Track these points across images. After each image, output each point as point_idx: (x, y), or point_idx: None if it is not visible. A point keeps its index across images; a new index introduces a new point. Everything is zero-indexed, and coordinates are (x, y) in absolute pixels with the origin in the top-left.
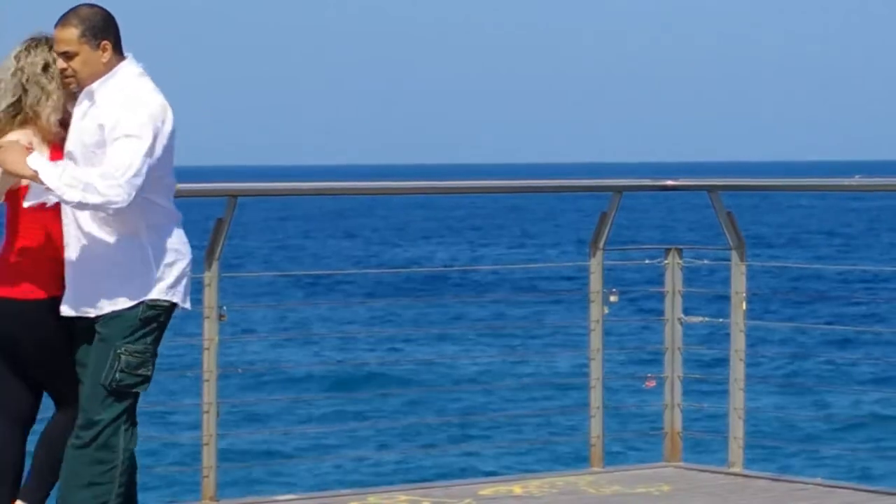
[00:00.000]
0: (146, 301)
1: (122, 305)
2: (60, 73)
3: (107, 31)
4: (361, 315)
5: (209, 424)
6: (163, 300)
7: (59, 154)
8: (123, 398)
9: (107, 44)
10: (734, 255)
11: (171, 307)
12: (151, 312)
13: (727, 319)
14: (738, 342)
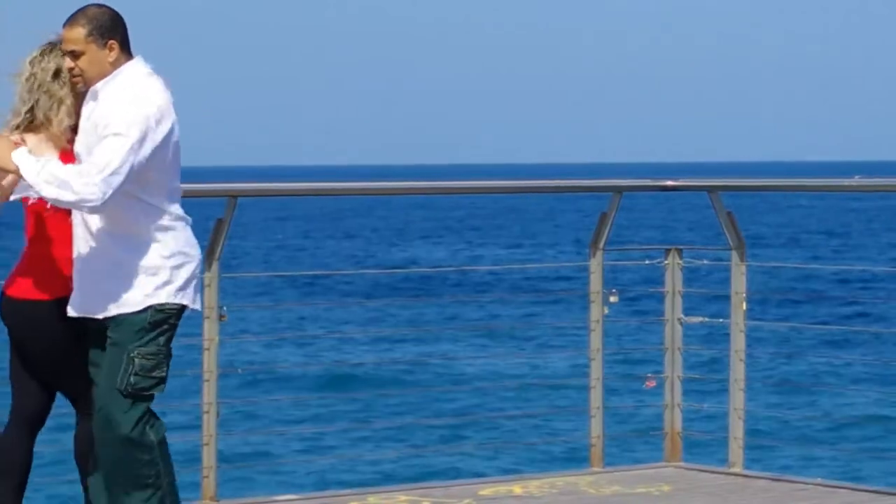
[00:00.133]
0: (154, 305)
1: (128, 309)
2: (69, 72)
3: (114, 31)
4: (361, 315)
5: (209, 424)
6: (171, 303)
7: (71, 158)
8: (142, 400)
9: (113, 43)
10: (734, 256)
11: (181, 309)
12: (161, 316)
13: (727, 319)
14: (738, 342)
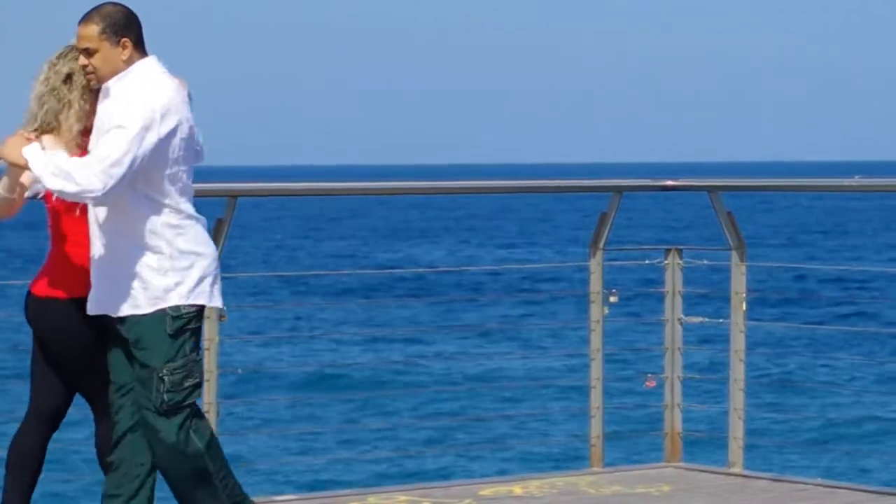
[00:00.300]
0: (168, 310)
1: (140, 310)
2: (82, 69)
3: (128, 29)
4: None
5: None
6: (186, 306)
7: None
8: (181, 410)
9: (127, 41)
10: (734, 256)
11: (199, 310)
12: (179, 322)
13: (727, 319)
14: (738, 342)
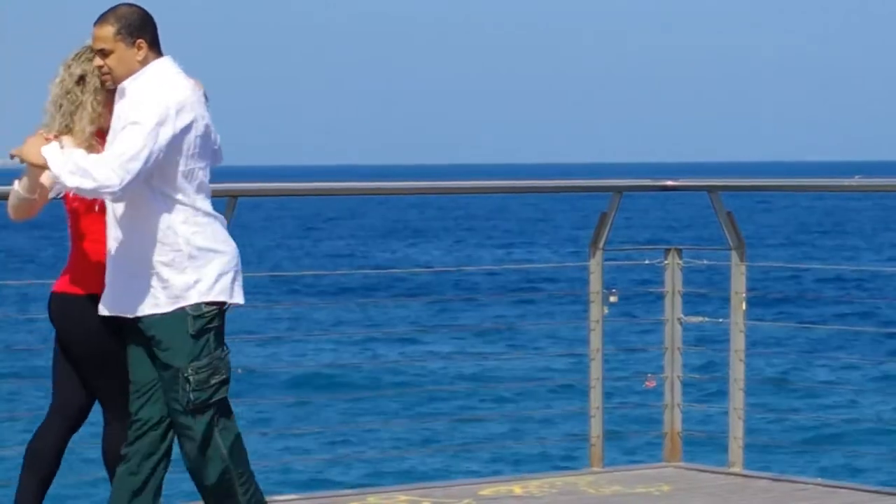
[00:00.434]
0: (188, 310)
1: (159, 310)
2: (98, 70)
3: (143, 30)
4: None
5: None
6: (207, 304)
7: None
8: (208, 408)
9: (142, 42)
10: (734, 256)
11: (220, 306)
12: (201, 322)
13: (727, 319)
14: (738, 342)
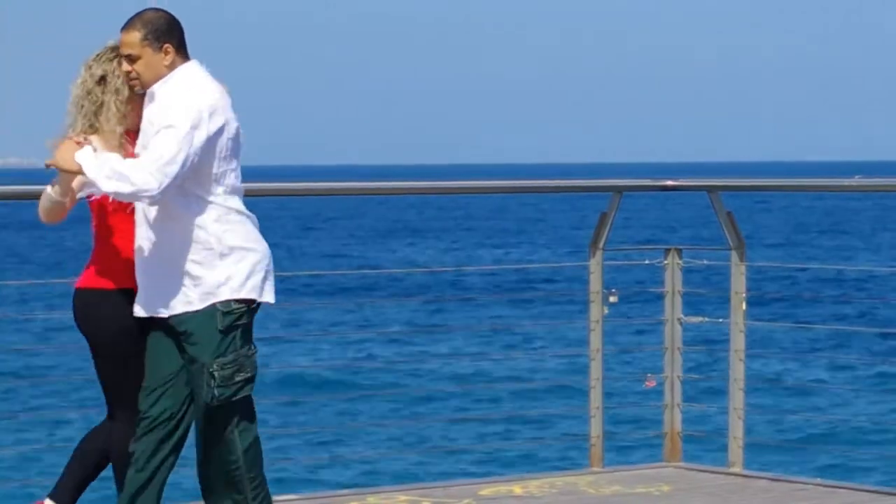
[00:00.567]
0: (218, 306)
1: (191, 307)
2: (125, 76)
3: (169, 35)
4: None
5: None
6: (236, 301)
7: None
8: (232, 406)
9: (169, 47)
10: (734, 256)
11: (250, 305)
12: (229, 319)
13: (727, 319)
14: (738, 342)
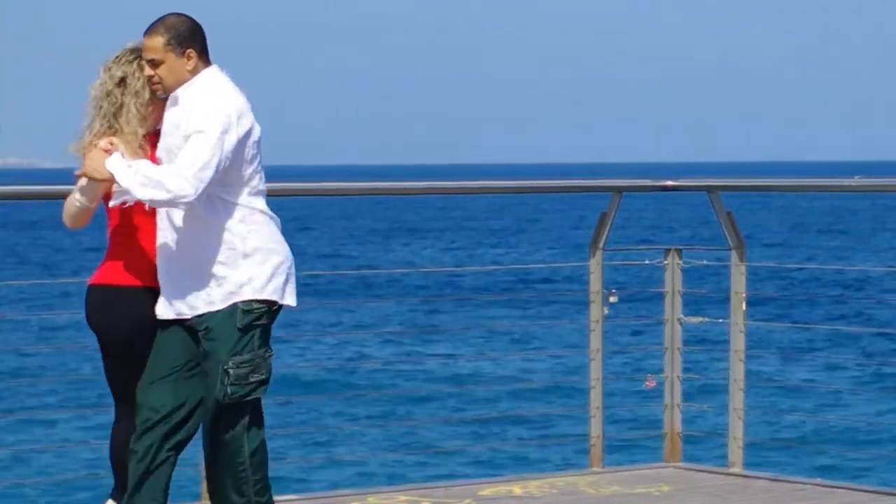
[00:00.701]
0: (240, 305)
1: (214, 307)
2: (148, 80)
3: (192, 40)
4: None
5: None
6: (257, 301)
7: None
8: (243, 406)
9: (191, 52)
10: (734, 256)
11: (271, 307)
12: (249, 318)
13: (727, 320)
14: (738, 342)
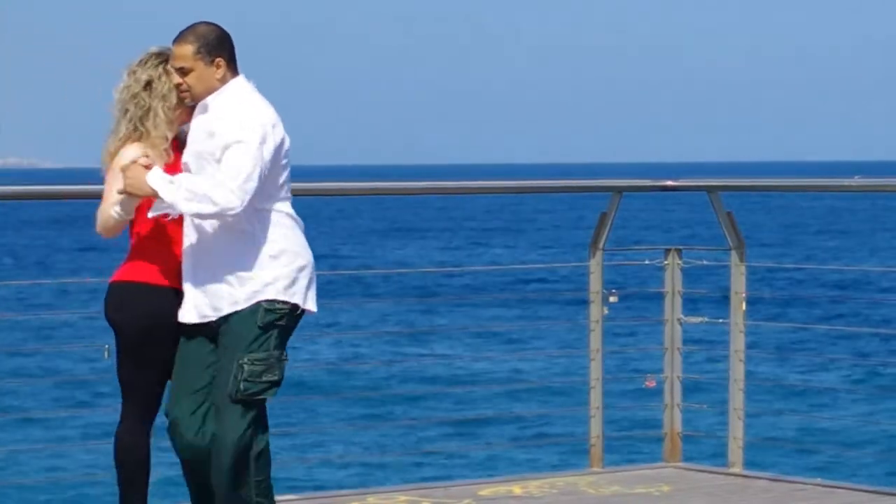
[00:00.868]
0: (263, 303)
1: (238, 307)
2: (176, 88)
3: (221, 49)
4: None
5: None
6: (280, 301)
7: (176, 169)
8: (251, 406)
9: (220, 60)
10: (734, 256)
11: (293, 310)
12: (270, 317)
13: (727, 320)
14: (738, 342)
